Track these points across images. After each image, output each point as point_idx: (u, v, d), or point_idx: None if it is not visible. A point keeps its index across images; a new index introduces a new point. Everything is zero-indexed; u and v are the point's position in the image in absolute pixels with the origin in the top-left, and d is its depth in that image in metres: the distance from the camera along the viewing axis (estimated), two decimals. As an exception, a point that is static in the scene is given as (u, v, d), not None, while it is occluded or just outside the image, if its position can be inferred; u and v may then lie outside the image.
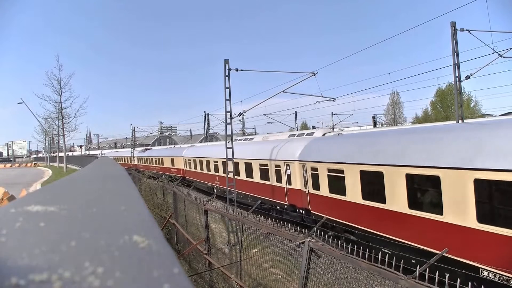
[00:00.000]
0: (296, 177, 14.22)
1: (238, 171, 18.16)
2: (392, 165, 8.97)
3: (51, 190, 1.09)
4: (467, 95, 41.27)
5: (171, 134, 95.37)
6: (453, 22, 15.50)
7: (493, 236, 6.74)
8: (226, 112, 14.47)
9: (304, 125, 73.59)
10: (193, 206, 12.36)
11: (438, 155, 7.92)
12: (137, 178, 21.27)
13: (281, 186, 15.25)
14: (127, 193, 1.01)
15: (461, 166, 7.32)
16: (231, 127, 14.80)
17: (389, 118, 55.09)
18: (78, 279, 0.41)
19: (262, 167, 16.90)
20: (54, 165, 61.40)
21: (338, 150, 11.74)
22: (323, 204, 12.14)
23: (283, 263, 9.06)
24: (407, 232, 8.53)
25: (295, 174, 14.29)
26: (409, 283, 4.19)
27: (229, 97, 14.28)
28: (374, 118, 48.41)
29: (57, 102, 42.87)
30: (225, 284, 8.62)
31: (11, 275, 0.41)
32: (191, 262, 10.86)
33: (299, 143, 14.71)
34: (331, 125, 56.22)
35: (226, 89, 14.26)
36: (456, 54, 15.56)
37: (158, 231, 0.60)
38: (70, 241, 0.50)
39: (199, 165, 26.24)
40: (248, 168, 18.20)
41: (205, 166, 25.04)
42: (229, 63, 14.25)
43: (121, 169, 2.49)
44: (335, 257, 5.85)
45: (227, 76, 14.19)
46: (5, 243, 0.50)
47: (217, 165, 22.67)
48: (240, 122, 56.97)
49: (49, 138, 69.89)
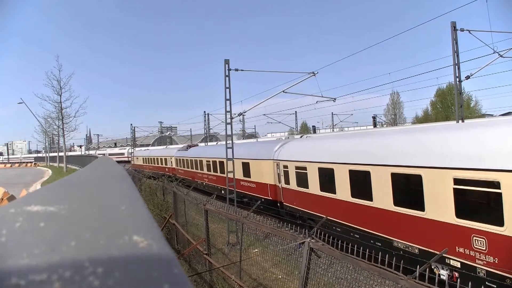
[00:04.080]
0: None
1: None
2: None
3: (51, 190, 1.09)
4: (467, 95, 41.26)
5: (171, 134, 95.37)
6: (453, 22, 15.52)
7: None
8: (226, 112, 14.47)
9: (304, 125, 73.59)
10: (193, 206, 12.37)
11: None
12: (137, 178, 21.28)
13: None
14: (127, 193, 1.01)
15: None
16: (231, 127, 14.81)
17: (389, 118, 55.10)
18: (78, 279, 0.41)
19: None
20: (54, 165, 61.41)
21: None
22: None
23: (283, 263, 9.07)
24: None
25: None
26: (409, 283, 4.19)
27: (229, 97, 14.29)
28: (374, 118, 48.43)
29: (57, 102, 42.88)
30: (225, 284, 8.62)
31: (11, 275, 0.41)
32: (191, 262, 10.86)
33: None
34: (331, 125, 56.29)
35: (226, 89, 14.26)
36: (456, 54, 15.58)
37: (158, 231, 0.60)
38: (70, 241, 0.50)
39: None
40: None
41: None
42: (229, 63, 14.26)
43: (121, 169, 2.49)
44: (335, 257, 5.85)
45: (227, 76, 14.20)
46: (5, 243, 0.50)
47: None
48: (240, 122, 57.12)
49: (49, 138, 69.88)
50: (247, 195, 18.55)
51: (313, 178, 12.54)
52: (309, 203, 12.98)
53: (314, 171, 12.44)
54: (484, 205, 6.95)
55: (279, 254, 9.28)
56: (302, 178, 13.30)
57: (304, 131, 64.16)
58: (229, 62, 14.25)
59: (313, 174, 12.52)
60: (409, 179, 8.63)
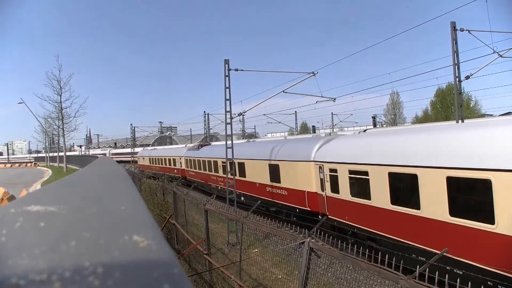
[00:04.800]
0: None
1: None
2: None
3: (51, 190, 1.09)
4: (467, 95, 41.27)
5: (171, 134, 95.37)
6: (453, 22, 15.53)
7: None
8: (226, 112, 14.48)
9: (304, 125, 73.61)
10: (193, 206, 12.37)
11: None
12: (137, 178, 21.29)
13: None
14: (127, 193, 1.01)
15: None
16: (231, 127, 14.81)
17: (389, 118, 55.10)
18: (78, 279, 0.41)
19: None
20: (54, 165, 61.42)
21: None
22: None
23: (283, 263, 9.07)
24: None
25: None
26: (409, 283, 4.19)
27: (229, 97, 14.29)
28: (374, 118, 48.45)
29: (57, 102, 42.98)
30: (225, 284, 8.63)
31: (11, 275, 0.41)
32: (191, 262, 10.87)
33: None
34: (331, 125, 56.27)
35: (226, 89, 14.26)
36: (456, 54, 15.58)
37: (158, 231, 0.60)
38: (70, 241, 0.50)
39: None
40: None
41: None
42: (229, 63, 14.27)
43: (121, 169, 2.49)
44: (335, 257, 5.85)
45: (227, 76, 14.20)
46: (5, 243, 0.50)
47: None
48: (240, 122, 57.10)
49: (49, 138, 69.91)
50: (276, 204, 15.50)
51: (380, 186, 9.63)
52: (371, 219, 10.04)
53: (382, 176, 9.51)
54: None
55: (279, 254, 9.28)
56: (360, 186, 10.49)
57: (304, 131, 64.19)
58: (229, 62, 14.25)
59: (380, 181, 9.61)
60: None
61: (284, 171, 14.94)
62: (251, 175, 17.90)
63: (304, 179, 13.60)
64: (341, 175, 11.32)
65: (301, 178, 13.78)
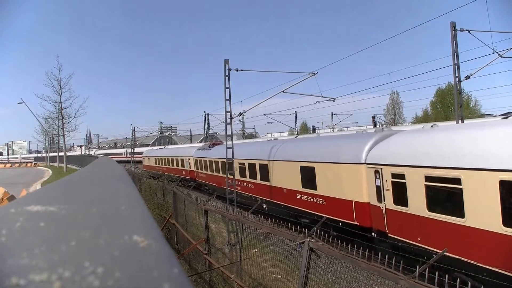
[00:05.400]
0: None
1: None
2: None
3: (51, 190, 1.09)
4: (467, 95, 41.30)
5: (171, 134, 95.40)
6: (453, 22, 15.53)
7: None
8: (226, 112, 14.48)
9: (304, 125, 73.60)
10: (193, 206, 12.37)
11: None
12: (137, 178, 21.28)
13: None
14: (127, 193, 1.01)
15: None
16: (231, 127, 14.81)
17: (389, 118, 55.15)
18: (78, 279, 0.41)
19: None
20: (54, 165, 61.44)
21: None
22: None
23: (283, 263, 9.07)
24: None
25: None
26: (408, 283, 4.19)
27: (229, 97, 14.29)
28: (374, 118, 48.49)
29: (57, 102, 43.04)
30: (225, 284, 8.63)
31: (11, 275, 0.41)
32: (191, 262, 10.87)
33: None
34: (331, 125, 56.31)
35: (226, 89, 14.27)
36: (456, 54, 15.59)
37: (158, 231, 0.60)
38: (70, 241, 0.50)
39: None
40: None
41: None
42: (229, 63, 14.28)
43: (121, 169, 2.49)
44: (335, 257, 5.86)
45: (227, 76, 14.20)
46: (5, 243, 0.50)
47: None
48: (240, 122, 57.14)
49: (49, 138, 69.94)
50: (310, 215, 12.76)
51: (481, 199, 7.00)
52: (465, 244, 7.26)
53: (485, 186, 6.88)
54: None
55: (279, 254, 9.27)
56: (445, 198, 7.99)
57: (304, 131, 64.14)
58: (229, 62, 14.26)
59: (481, 192, 6.99)
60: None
61: (322, 175, 12.19)
62: (276, 179, 15.07)
63: (351, 186, 10.96)
64: (412, 183, 8.60)
65: (346, 185, 11.13)
